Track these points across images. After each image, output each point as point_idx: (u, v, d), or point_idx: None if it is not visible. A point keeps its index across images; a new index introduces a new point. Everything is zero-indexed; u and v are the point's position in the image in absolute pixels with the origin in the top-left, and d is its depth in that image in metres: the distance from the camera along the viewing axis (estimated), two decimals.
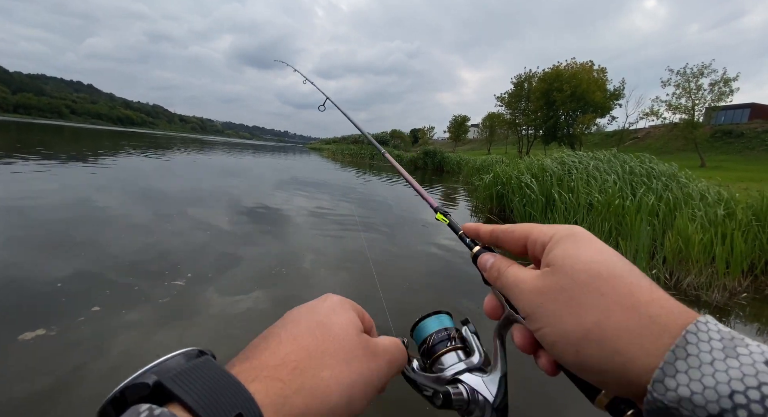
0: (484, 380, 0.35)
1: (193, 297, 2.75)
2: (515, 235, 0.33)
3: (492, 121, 54.66)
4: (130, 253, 3.43)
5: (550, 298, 0.27)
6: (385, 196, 10.37)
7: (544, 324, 0.27)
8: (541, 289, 0.28)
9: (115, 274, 2.95)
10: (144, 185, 7.46)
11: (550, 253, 0.29)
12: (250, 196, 7.54)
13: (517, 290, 0.30)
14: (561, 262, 0.27)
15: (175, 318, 2.46)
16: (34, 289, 2.57)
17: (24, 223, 4.00)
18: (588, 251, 0.27)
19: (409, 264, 4.13)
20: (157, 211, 5.17)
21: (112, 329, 2.22)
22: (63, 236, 3.73)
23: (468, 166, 17.71)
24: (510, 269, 0.32)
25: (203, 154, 21.95)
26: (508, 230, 0.34)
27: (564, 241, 0.29)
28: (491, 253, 0.36)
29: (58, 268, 2.95)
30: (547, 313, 0.27)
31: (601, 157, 6.74)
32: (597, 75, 37.18)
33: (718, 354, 0.20)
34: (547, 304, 0.27)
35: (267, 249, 4.10)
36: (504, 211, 7.24)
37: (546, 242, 0.30)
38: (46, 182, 6.58)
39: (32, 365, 1.87)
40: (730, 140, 39.20)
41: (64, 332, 2.14)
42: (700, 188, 5.17)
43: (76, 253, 3.31)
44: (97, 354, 2.00)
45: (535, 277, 0.29)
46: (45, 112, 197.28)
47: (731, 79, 27.99)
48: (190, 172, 11.47)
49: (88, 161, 10.70)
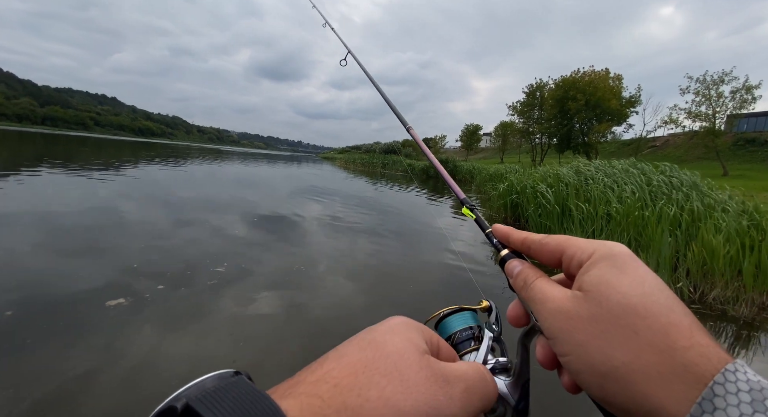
0: (506, 383, 0.34)
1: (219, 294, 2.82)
2: (549, 248, 0.31)
3: (504, 129, 54.40)
4: (172, 251, 3.58)
5: (578, 326, 0.25)
6: (399, 205, 10.37)
7: (568, 351, 0.26)
8: (569, 313, 0.26)
9: (169, 266, 3.19)
10: (169, 195, 7.68)
11: (585, 274, 0.27)
12: (268, 205, 7.66)
13: (543, 308, 0.28)
14: (596, 288, 0.25)
15: (215, 294, 2.54)
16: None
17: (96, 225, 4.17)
18: (627, 280, 0.25)
19: (421, 270, 4.11)
20: (198, 217, 5.31)
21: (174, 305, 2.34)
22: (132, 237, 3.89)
23: (481, 175, 17.60)
24: (538, 282, 0.30)
25: (221, 164, 22.48)
26: (542, 242, 0.32)
27: (602, 264, 0.26)
28: (519, 260, 0.34)
29: (103, 265, 3.11)
30: (574, 342, 0.25)
31: (618, 166, 6.62)
32: (613, 83, 36.73)
33: (745, 408, 0.19)
34: (575, 332, 0.25)
35: (291, 251, 4.15)
36: (519, 220, 7.15)
37: (583, 261, 0.28)
38: (82, 191, 6.86)
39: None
40: (753, 148, 37.96)
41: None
42: (722, 199, 5.00)
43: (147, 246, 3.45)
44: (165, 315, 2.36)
45: (566, 299, 0.27)
46: (71, 124, 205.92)
47: (753, 86, 27.25)
48: (215, 182, 11.76)
49: (121, 171, 11.10)
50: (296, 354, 2.29)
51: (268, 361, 2.22)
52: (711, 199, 4.93)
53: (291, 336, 2.52)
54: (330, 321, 2.77)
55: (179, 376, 1.95)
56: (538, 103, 43.89)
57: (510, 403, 0.33)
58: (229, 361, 2.15)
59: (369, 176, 23.18)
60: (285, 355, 2.28)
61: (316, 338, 2.49)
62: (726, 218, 4.27)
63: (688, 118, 30.09)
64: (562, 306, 0.26)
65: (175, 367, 2.05)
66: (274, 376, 1.89)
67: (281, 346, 2.39)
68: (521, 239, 0.34)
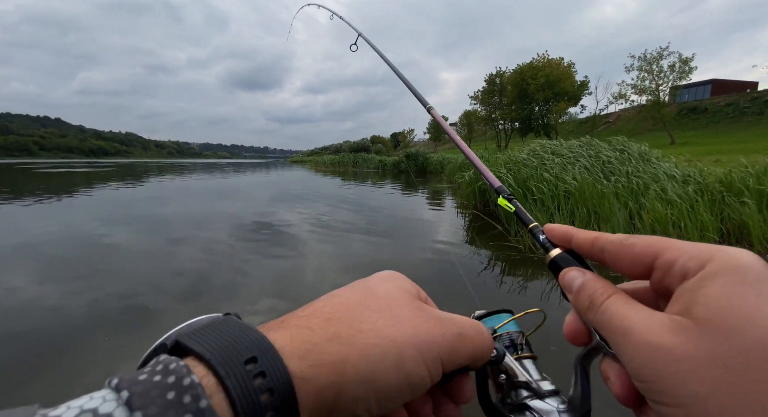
0: (559, 409, 0.28)
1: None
2: (635, 251, 0.23)
3: (469, 118, 55.71)
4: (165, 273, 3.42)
5: (691, 371, 0.17)
6: (377, 201, 10.43)
7: (673, 402, 0.18)
8: (674, 352, 0.18)
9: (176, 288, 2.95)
10: (141, 214, 7.33)
11: (697, 292, 0.19)
12: (242, 216, 7.49)
13: (625, 341, 0.21)
14: (720, 316, 0.18)
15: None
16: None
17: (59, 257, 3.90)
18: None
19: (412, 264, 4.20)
20: (169, 236, 5.10)
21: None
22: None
23: (450, 165, 17.96)
24: (613, 303, 0.23)
25: (177, 179, 21.61)
26: (624, 242, 0.24)
27: (726, 279, 0.18)
28: (580, 269, 0.27)
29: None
30: (684, 393, 0.18)
31: (573, 146, 7.01)
32: (565, 68, 38.66)
33: None
34: (687, 380, 0.18)
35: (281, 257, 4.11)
36: (488, 205, 7.41)
37: (691, 271, 0.20)
38: (48, 219, 6.40)
39: None
40: (695, 116, 40.99)
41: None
42: (667, 167, 5.44)
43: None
44: None
45: (664, 329, 0.19)
46: (12, 151, 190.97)
47: (689, 59, 29.45)
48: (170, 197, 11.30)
49: (75, 196, 10.42)
50: None
51: None
52: (655, 169, 5.35)
53: None
54: None
55: None
56: (498, 89, 45.31)
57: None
58: None
59: (339, 176, 23.07)
60: None
61: None
62: (671, 184, 4.66)
63: (635, 93, 32.14)
64: (660, 341, 0.19)
65: None
66: None
67: None
68: (590, 240, 0.27)
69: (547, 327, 0.33)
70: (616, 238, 0.25)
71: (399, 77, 0.77)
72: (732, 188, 4.58)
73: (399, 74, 0.77)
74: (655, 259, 0.22)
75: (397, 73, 0.78)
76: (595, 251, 0.26)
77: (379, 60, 0.88)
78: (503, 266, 4.19)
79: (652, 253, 0.22)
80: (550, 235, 0.30)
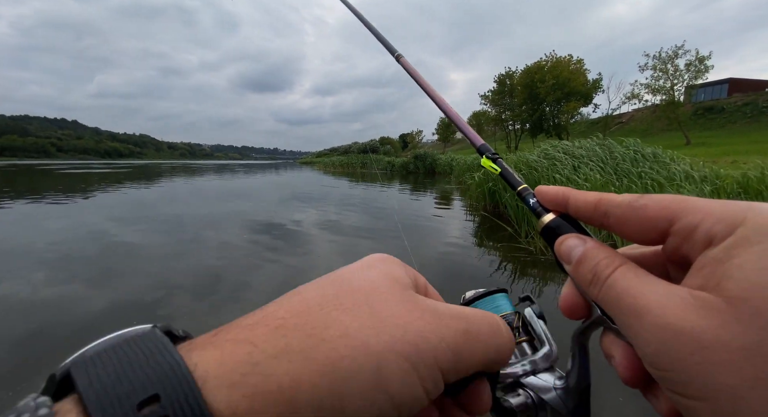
0: (555, 385, 0.27)
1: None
2: (648, 213, 0.20)
3: (478, 119, 55.42)
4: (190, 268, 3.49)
5: (724, 361, 0.15)
6: (384, 201, 10.43)
7: (698, 395, 0.15)
8: (699, 338, 0.15)
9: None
10: (163, 213, 7.48)
11: (728, 262, 0.16)
12: (252, 217, 7.57)
13: (638, 324, 0.17)
14: (761, 295, 0.14)
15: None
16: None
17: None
18: None
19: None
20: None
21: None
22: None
23: (459, 166, 17.87)
24: (623, 279, 0.19)
25: (191, 180, 21.95)
26: (633, 204, 0.20)
27: (764, 246, 0.15)
28: (579, 236, 0.23)
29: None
30: (711, 384, 0.15)
31: (586, 146, 6.90)
32: (574, 66, 38.14)
33: None
34: (717, 370, 0.15)
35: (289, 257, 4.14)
36: (497, 207, 7.34)
37: (716, 236, 0.17)
38: (74, 220, 6.58)
39: None
40: (712, 116, 40.01)
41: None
42: (684, 168, 5.31)
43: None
44: None
45: (687, 309, 0.16)
46: (31, 152, 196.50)
47: (705, 57, 28.76)
48: (190, 199, 11.48)
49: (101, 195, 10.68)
50: None
51: None
52: (673, 170, 5.23)
53: None
54: None
55: None
56: (509, 90, 44.97)
57: (559, 412, 0.26)
58: None
59: (349, 177, 23.15)
60: None
61: None
62: (687, 185, 4.54)
63: (649, 93, 31.54)
64: (683, 324, 0.16)
65: None
66: None
67: None
68: (592, 202, 0.23)
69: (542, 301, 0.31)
70: (624, 200, 0.21)
71: (361, 21, 0.68)
72: (749, 189, 4.46)
73: (361, 17, 0.69)
74: (671, 224, 0.19)
75: (359, 17, 0.69)
76: (597, 215, 0.22)
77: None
78: (513, 268, 4.14)
79: (668, 217, 0.19)
80: (542, 198, 0.26)
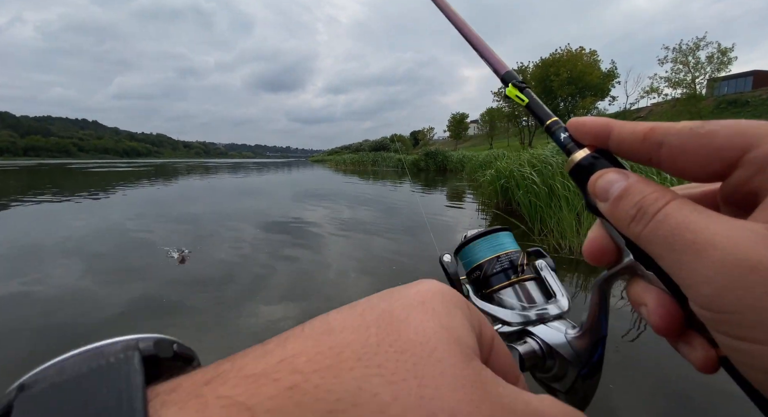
0: (567, 334, 0.25)
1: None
2: (716, 141, 0.17)
3: (491, 115, 54.76)
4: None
5: None
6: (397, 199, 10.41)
7: (766, 338, 0.14)
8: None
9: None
10: (174, 211, 7.65)
11: None
12: (268, 213, 7.65)
13: (698, 260, 0.15)
14: None
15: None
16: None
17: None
18: None
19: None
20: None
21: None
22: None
23: (471, 163, 17.67)
24: (678, 212, 0.17)
25: (206, 178, 22.34)
26: (699, 131, 0.18)
27: None
28: (619, 170, 0.21)
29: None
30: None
31: None
32: (587, 58, 37.21)
33: None
34: None
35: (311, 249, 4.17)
36: (510, 204, 7.23)
37: None
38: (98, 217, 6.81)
39: None
40: (735, 110, 38.56)
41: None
42: None
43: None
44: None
45: (760, 244, 0.14)
46: (53, 152, 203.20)
47: (728, 49, 27.67)
48: (209, 197, 11.70)
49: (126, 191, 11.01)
50: None
51: None
52: None
53: None
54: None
55: None
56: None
57: (570, 361, 0.25)
58: None
59: (358, 175, 23.18)
60: None
61: None
62: None
63: (670, 86, 30.55)
64: (759, 258, 0.14)
65: None
66: None
67: None
68: (641, 132, 0.20)
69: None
70: (684, 126, 0.19)
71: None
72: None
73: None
74: (744, 152, 0.17)
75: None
76: (646, 147, 0.20)
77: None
78: None
79: (741, 144, 0.17)
80: (577, 132, 0.23)
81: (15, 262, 4.11)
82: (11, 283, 3.44)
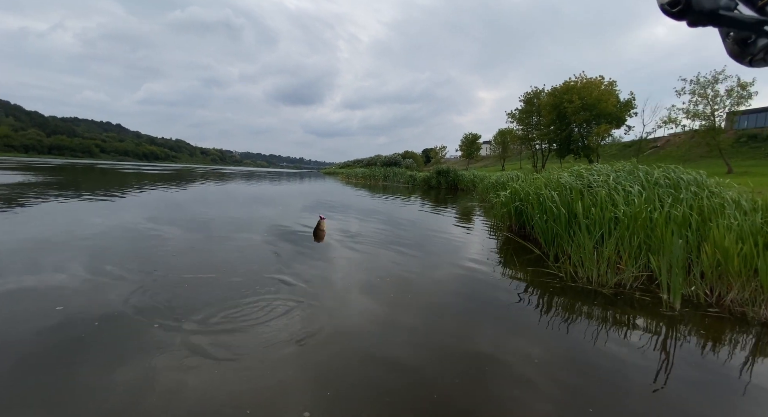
0: None
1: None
2: None
3: (504, 136, 54.71)
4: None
5: None
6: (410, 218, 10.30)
7: None
8: None
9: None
10: (192, 215, 7.70)
11: None
12: (283, 220, 7.62)
13: None
14: None
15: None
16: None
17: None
18: None
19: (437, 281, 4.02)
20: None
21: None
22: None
23: (483, 183, 17.54)
24: None
25: (225, 184, 22.63)
26: None
27: None
28: None
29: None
30: None
31: (621, 168, 6.56)
32: (607, 87, 37.12)
33: None
34: None
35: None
36: (524, 228, 7.05)
37: None
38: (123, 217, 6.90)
39: None
40: (756, 145, 37.76)
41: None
42: (731, 196, 4.91)
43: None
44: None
45: None
46: (77, 152, 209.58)
47: (748, 83, 27.34)
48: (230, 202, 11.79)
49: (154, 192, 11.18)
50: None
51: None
52: (720, 198, 4.83)
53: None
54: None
55: None
56: (536, 110, 44.28)
57: None
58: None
59: (369, 189, 23.18)
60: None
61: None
62: (738, 216, 4.16)
63: (687, 118, 30.18)
64: None
65: None
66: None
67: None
68: None
69: None
70: None
71: None
72: None
73: None
74: None
75: None
76: None
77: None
78: (542, 293, 3.89)
79: None
80: None
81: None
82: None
